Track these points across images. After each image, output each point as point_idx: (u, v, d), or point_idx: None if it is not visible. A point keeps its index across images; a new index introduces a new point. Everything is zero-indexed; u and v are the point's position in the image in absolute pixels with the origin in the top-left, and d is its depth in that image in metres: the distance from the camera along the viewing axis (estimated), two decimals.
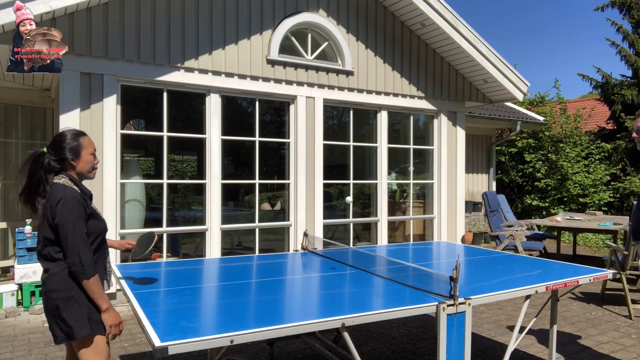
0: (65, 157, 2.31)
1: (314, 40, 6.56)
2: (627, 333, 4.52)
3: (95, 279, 2.19)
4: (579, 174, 11.80)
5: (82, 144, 2.35)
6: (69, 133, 2.35)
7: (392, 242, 7.57)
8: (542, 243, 7.87)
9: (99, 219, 2.37)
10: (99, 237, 2.35)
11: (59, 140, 2.33)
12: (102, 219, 2.40)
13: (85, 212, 2.26)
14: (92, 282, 2.18)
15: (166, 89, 5.60)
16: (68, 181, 2.28)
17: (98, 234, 2.34)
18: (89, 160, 2.37)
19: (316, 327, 2.09)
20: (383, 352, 3.95)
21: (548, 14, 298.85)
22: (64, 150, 2.31)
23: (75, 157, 2.32)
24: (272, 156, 6.87)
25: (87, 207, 2.29)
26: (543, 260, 3.77)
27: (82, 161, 2.35)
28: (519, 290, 2.72)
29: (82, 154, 2.34)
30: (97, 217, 2.35)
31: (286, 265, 3.44)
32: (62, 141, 2.32)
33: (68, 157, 2.31)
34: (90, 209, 2.32)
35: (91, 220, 2.30)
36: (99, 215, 2.38)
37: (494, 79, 7.49)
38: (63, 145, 2.31)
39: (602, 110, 15.50)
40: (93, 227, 2.31)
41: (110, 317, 2.22)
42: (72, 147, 2.32)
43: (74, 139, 2.34)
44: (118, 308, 5.19)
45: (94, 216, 2.32)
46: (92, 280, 2.18)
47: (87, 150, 2.36)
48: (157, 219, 5.69)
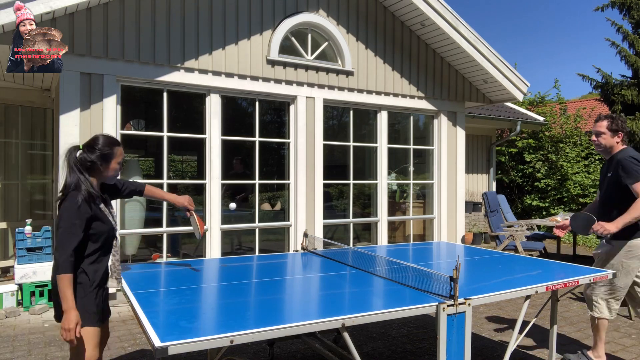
0: (95, 160, 2.45)
1: (314, 41, 6.56)
2: (627, 333, 4.52)
3: (66, 278, 2.24)
4: (579, 174, 11.81)
5: (114, 153, 2.50)
6: (105, 140, 2.49)
7: (392, 242, 7.57)
8: (542, 243, 7.87)
9: (105, 220, 2.46)
10: (102, 237, 2.45)
11: (94, 143, 2.47)
12: (108, 220, 2.49)
13: (89, 213, 2.36)
14: (61, 279, 2.24)
15: (166, 89, 5.60)
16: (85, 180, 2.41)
17: (101, 234, 2.44)
18: (115, 169, 2.53)
19: (316, 328, 2.09)
20: (383, 353, 3.95)
21: (548, 14, 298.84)
22: (96, 154, 2.45)
23: (104, 164, 2.47)
24: (272, 156, 6.87)
25: (92, 209, 2.38)
26: (543, 260, 3.77)
27: (109, 169, 2.50)
28: (519, 291, 2.72)
29: (111, 163, 2.50)
30: (103, 219, 2.45)
31: (286, 266, 3.44)
32: (97, 145, 2.46)
33: (97, 162, 2.45)
34: (95, 210, 2.40)
35: (96, 222, 2.41)
36: (105, 217, 2.47)
37: (494, 79, 7.49)
38: (96, 149, 2.45)
39: (602, 111, 15.49)
40: (97, 228, 2.42)
41: (66, 320, 2.24)
42: (104, 153, 2.46)
43: (109, 147, 2.48)
44: (118, 308, 5.19)
45: (98, 218, 2.41)
46: (62, 277, 2.24)
47: (117, 160, 2.52)
48: (157, 219, 5.69)
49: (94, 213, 2.39)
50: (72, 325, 2.22)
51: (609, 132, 3.57)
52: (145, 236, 5.88)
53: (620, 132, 3.56)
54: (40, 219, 6.70)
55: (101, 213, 2.46)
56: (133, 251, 5.78)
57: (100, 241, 2.45)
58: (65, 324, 2.23)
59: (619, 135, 3.57)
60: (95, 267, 2.44)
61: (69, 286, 2.25)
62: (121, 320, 4.80)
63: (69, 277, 2.25)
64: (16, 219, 6.58)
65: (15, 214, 6.63)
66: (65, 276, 2.24)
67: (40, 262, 5.25)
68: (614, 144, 3.59)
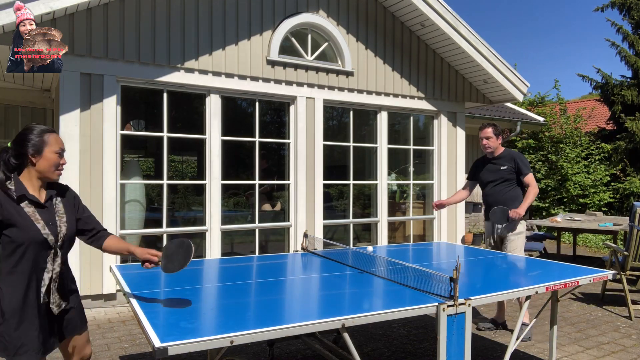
0: (25, 152, 2.12)
1: (314, 41, 6.57)
2: (628, 334, 4.52)
3: None
4: (579, 174, 11.81)
5: (46, 140, 2.15)
6: (35, 128, 2.17)
7: (392, 242, 7.57)
8: (542, 244, 7.88)
9: (25, 228, 2.06)
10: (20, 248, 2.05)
11: (22, 133, 2.16)
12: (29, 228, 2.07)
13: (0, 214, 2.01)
14: None
15: (166, 89, 5.60)
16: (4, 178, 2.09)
17: (19, 244, 2.05)
18: (52, 159, 2.16)
19: (316, 328, 2.09)
20: (383, 353, 3.94)
21: (548, 14, 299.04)
22: (26, 144, 2.12)
23: (35, 153, 2.12)
24: (272, 157, 6.86)
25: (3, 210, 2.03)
26: (543, 260, 3.77)
27: (43, 159, 2.14)
28: (519, 291, 2.72)
29: (45, 151, 2.14)
30: (21, 225, 2.05)
31: (286, 266, 3.44)
32: (25, 135, 2.14)
33: (28, 152, 2.12)
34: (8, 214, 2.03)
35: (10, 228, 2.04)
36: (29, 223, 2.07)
37: (494, 80, 7.49)
38: (24, 139, 2.13)
39: (602, 111, 15.50)
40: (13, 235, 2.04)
41: None
42: (34, 142, 2.12)
43: (39, 134, 2.15)
44: (118, 308, 5.19)
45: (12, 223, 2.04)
46: None
47: (51, 148, 2.16)
48: (157, 219, 5.69)
49: (6, 216, 2.02)
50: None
51: (494, 136, 4.53)
52: (145, 236, 5.87)
53: (500, 135, 4.60)
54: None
55: (21, 217, 2.05)
56: None
57: (19, 253, 2.04)
58: None
59: (500, 138, 4.58)
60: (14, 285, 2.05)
61: None
62: (121, 321, 4.80)
63: None
64: None
65: None
66: None
67: None
68: (498, 145, 4.58)
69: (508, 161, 4.50)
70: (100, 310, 5.12)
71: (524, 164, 4.46)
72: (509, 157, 4.52)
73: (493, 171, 4.59)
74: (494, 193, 4.57)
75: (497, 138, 4.56)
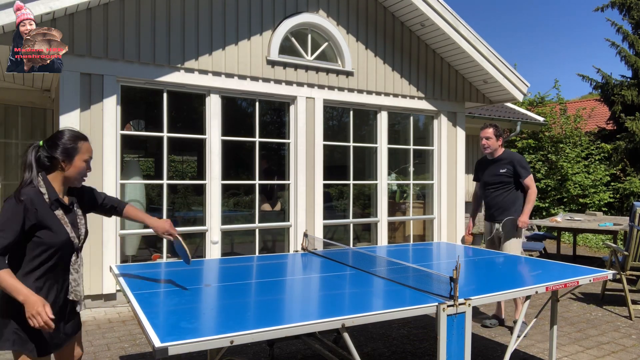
0: (56, 156, 2.15)
1: (314, 41, 6.57)
2: (627, 333, 4.52)
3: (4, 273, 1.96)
4: (579, 174, 11.81)
5: (78, 148, 2.19)
6: (69, 133, 2.20)
7: (392, 242, 7.57)
8: (542, 243, 7.87)
9: (56, 230, 2.11)
10: (50, 250, 2.10)
11: (56, 137, 2.18)
12: (62, 231, 2.13)
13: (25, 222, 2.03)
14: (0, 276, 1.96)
15: (166, 89, 5.60)
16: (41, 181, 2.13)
17: (49, 246, 2.10)
18: (81, 167, 2.21)
19: (316, 328, 2.09)
20: (383, 353, 3.95)
21: (548, 14, 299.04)
22: (58, 149, 2.15)
23: (66, 159, 2.17)
24: (272, 157, 6.86)
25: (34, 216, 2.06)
26: (543, 260, 3.77)
27: (73, 166, 2.18)
28: (519, 291, 2.72)
29: (75, 159, 2.18)
30: (53, 228, 2.10)
31: (286, 266, 3.44)
32: (59, 139, 2.17)
33: (59, 158, 2.15)
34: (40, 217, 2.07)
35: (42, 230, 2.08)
36: (59, 226, 2.13)
37: (494, 80, 7.49)
38: (58, 143, 2.16)
39: (602, 111, 15.50)
40: (45, 237, 2.09)
41: (29, 306, 1.95)
42: (66, 148, 2.16)
43: (72, 141, 2.18)
44: (118, 308, 5.19)
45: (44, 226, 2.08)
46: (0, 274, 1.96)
47: (82, 156, 2.20)
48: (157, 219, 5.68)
49: (40, 219, 2.06)
50: (38, 308, 1.94)
51: (494, 137, 4.55)
52: (145, 236, 5.87)
53: (501, 137, 4.59)
54: None
55: (54, 221, 2.11)
56: (133, 252, 5.78)
57: (47, 254, 2.10)
58: (30, 310, 1.95)
59: (500, 139, 4.59)
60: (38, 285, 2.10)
61: (10, 277, 1.97)
62: (121, 321, 4.80)
63: (6, 271, 1.97)
64: None
65: None
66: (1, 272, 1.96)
67: None
68: (498, 147, 4.59)
69: (507, 164, 4.53)
70: (100, 310, 5.11)
71: (522, 167, 4.47)
72: (507, 160, 4.54)
73: (492, 174, 4.62)
74: (493, 196, 4.63)
75: (498, 139, 4.58)
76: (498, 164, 4.59)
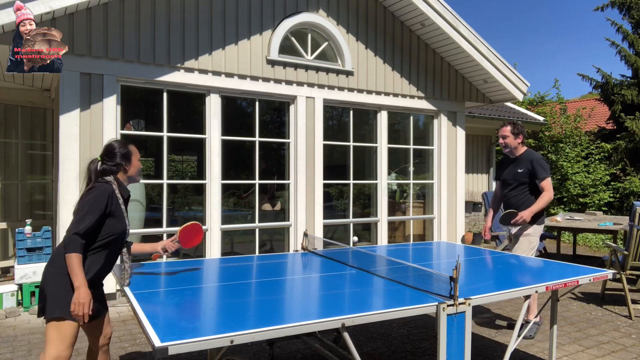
0: (119, 162, 2.61)
1: (313, 41, 6.57)
2: (627, 333, 4.52)
3: (75, 257, 2.32)
4: (579, 174, 11.81)
5: (131, 151, 2.65)
6: (118, 143, 2.64)
7: (392, 242, 7.57)
8: (542, 243, 7.87)
9: (120, 219, 2.55)
10: (113, 236, 2.53)
11: (110, 148, 2.62)
12: (123, 221, 2.57)
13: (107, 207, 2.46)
14: (71, 258, 2.31)
15: (166, 89, 5.60)
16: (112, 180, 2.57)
17: (112, 233, 2.52)
18: (138, 165, 2.69)
19: (316, 327, 2.09)
20: (383, 353, 3.95)
21: (548, 14, 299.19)
22: (117, 156, 2.60)
23: (127, 163, 2.63)
24: (272, 156, 6.86)
25: (112, 204, 2.49)
26: (543, 260, 3.77)
27: (132, 166, 2.65)
28: (519, 290, 2.72)
29: (133, 160, 2.65)
30: (118, 217, 2.53)
31: (286, 266, 3.44)
32: (114, 149, 2.61)
33: (122, 163, 2.61)
34: (114, 207, 2.50)
35: (110, 218, 2.50)
36: (122, 216, 2.56)
37: (494, 79, 7.49)
38: (115, 152, 2.60)
39: (602, 110, 15.51)
40: (110, 225, 2.50)
41: (78, 295, 2.30)
42: (123, 153, 2.62)
43: (124, 146, 2.64)
44: (118, 308, 5.19)
45: (114, 215, 2.51)
46: (72, 256, 2.31)
47: (136, 157, 2.68)
48: (157, 219, 5.69)
49: (113, 209, 2.49)
50: (85, 300, 2.30)
51: (512, 135, 4.40)
52: (145, 236, 5.87)
53: (520, 134, 4.41)
54: (40, 219, 6.70)
55: (120, 212, 2.54)
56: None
57: (109, 239, 2.51)
58: (77, 298, 2.29)
59: (520, 138, 4.41)
60: (92, 261, 2.47)
61: (78, 264, 2.32)
62: (121, 320, 4.80)
63: (78, 256, 2.32)
64: (16, 219, 6.58)
65: (15, 214, 6.63)
66: (74, 255, 2.31)
67: (40, 262, 5.25)
68: (517, 145, 4.42)
69: (526, 164, 4.36)
70: None
71: (541, 168, 4.29)
72: (527, 160, 4.38)
73: (512, 173, 4.47)
74: (510, 196, 4.50)
75: (517, 137, 4.40)
76: (517, 163, 4.44)
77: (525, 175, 4.35)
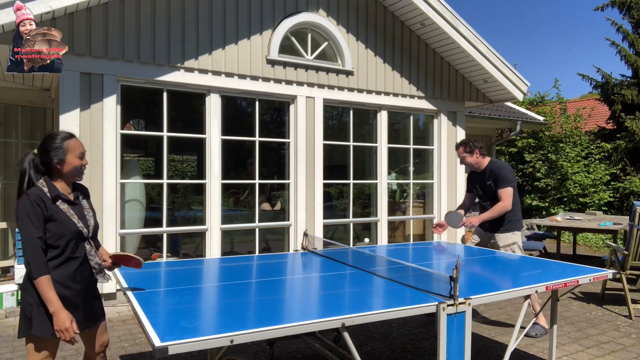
0: (49, 161, 2.32)
1: (313, 40, 6.56)
2: (627, 333, 4.52)
3: (44, 280, 2.17)
4: (579, 173, 11.81)
5: (66, 148, 2.33)
6: (56, 137, 2.34)
7: (392, 242, 7.57)
8: (542, 243, 7.87)
9: (62, 221, 2.28)
10: (62, 239, 2.28)
11: (45, 143, 2.34)
12: (67, 222, 2.30)
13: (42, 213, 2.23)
14: (39, 283, 2.17)
15: (166, 89, 5.60)
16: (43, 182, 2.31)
17: (60, 236, 2.27)
18: (75, 163, 2.36)
19: (316, 327, 2.09)
20: (383, 352, 3.95)
21: (548, 14, 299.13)
22: (49, 154, 2.31)
23: (59, 162, 2.32)
24: (272, 156, 6.86)
25: (45, 208, 2.24)
26: (543, 260, 3.78)
27: (67, 164, 2.34)
28: (519, 290, 2.72)
29: (67, 159, 2.33)
30: (59, 220, 2.27)
31: (286, 265, 3.44)
32: (48, 145, 2.32)
33: (53, 161, 2.32)
34: (48, 212, 2.25)
35: (50, 223, 2.25)
36: (64, 217, 2.30)
37: (494, 79, 7.49)
38: (48, 149, 2.32)
39: (602, 110, 15.50)
40: (54, 229, 2.26)
41: (58, 321, 2.17)
42: (56, 152, 2.31)
43: (59, 142, 2.33)
44: (118, 308, 5.19)
45: (53, 219, 2.26)
46: (40, 281, 2.16)
47: (73, 154, 2.35)
48: (157, 219, 5.69)
49: (49, 212, 2.25)
50: (67, 324, 2.17)
51: (467, 154, 4.49)
52: (145, 236, 5.88)
53: (475, 149, 4.48)
54: None
55: (60, 214, 2.29)
56: (133, 251, 5.78)
57: (62, 244, 2.28)
58: (58, 325, 2.17)
59: (476, 152, 4.48)
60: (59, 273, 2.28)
61: (49, 288, 2.17)
62: (121, 320, 4.81)
63: (46, 278, 2.18)
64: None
65: None
66: (41, 279, 2.16)
67: None
68: (478, 160, 4.50)
69: (490, 175, 4.43)
70: None
71: (502, 179, 4.32)
72: (489, 172, 4.45)
73: (483, 186, 4.55)
74: (487, 206, 4.54)
75: (472, 154, 4.49)
76: (484, 176, 4.51)
77: (492, 186, 4.42)
